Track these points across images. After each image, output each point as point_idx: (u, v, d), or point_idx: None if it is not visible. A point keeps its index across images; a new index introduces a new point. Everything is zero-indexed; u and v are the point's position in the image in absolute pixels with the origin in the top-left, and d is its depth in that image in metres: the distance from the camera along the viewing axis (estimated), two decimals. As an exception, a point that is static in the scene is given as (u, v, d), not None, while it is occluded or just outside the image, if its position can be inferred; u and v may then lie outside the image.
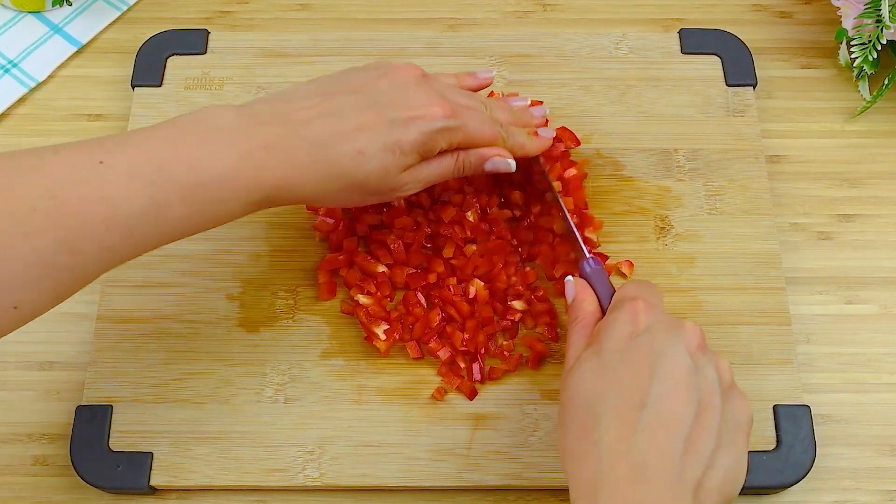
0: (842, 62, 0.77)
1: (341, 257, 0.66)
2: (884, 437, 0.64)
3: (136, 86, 0.75)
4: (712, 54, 0.76)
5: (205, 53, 0.76)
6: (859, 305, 0.69)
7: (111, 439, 0.62)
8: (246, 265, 0.68)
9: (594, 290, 0.57)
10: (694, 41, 0.77)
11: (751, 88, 0.75)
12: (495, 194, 0.68)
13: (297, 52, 0.77)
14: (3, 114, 0.77)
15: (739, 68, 0.75)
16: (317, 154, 0.53)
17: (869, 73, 0.75)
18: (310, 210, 0.69)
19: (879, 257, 0.71)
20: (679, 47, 0.77)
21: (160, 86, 0.75)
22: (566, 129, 0.72)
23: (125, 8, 0.82)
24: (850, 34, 0.75)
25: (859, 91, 0.76)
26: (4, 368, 0.66)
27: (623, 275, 0.67)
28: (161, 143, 0.50)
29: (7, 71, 0.78)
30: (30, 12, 0.82)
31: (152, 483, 0.61)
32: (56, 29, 0.81)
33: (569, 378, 0.51)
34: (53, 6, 0.81)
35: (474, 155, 0.59)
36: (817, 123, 0.76)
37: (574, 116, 0.73)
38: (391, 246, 0.65)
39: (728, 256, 0.68)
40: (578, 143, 0.71)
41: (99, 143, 0.50)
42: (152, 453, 0.61)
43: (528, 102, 0.67)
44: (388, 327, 0.64)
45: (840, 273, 0.70)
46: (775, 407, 0.63)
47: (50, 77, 0.79)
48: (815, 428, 0.62)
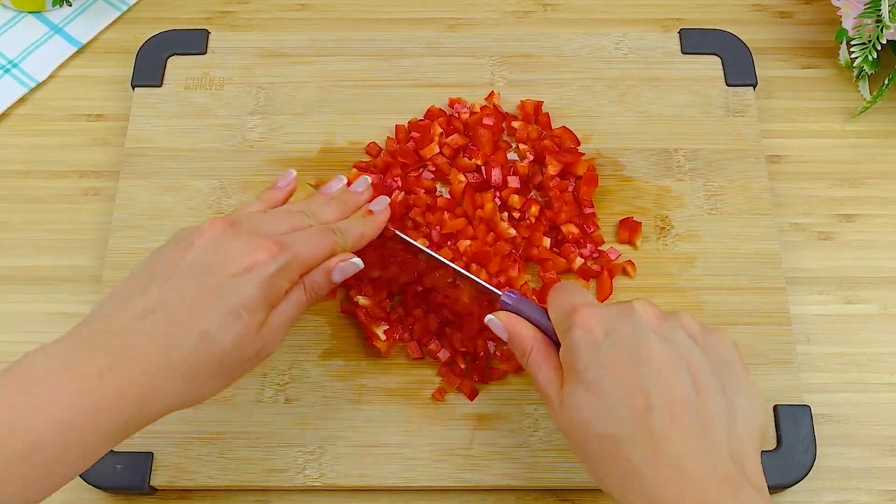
0: (842, 62, 0.77)
1: None
2: (884, 437, 0.64)
3: (136, 86, 0.75)
4: (712, 54, 0.76)
5: (205, 53, 0.76)
6: (859, 305, 0.69)
7: (111, 439, 0.62)
8: (246, 265, 0.68)
9: (526, 318, 0.56)
10: (694, 41, 0.77)
11: (751, 88, 0.75)
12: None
13: (297, 52, 0.77)
14: (3, 114, 0.77)
15: (739, 68, 0.75)
16: (162, 356, 0.47)
17: (869, 73, 0.75)
18: None
19: (879, 257, 0.71)
20: (679, 47, 0.77)
21: (160, 86, 0.75)
22: (566, 129, 0.72)
23: (125, 8, 0.82)
24: (850, 34, 0.75)
25: (859, 91, 0.76)
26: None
27: (628, 274, 0.67)
28: None
29: (7, 71, 0.78)
30: (30, 12, 0.82)
31: (152, 483, 0.61)
32: (56, 29, 0.81)
33: (566, 414, 0.50)
34: (53, 6, 0.81)
35: (318, 274, 0.54)
36: (817, 123, 0.76)
37: (574, 116, 0.73)
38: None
39: (728, 256, 0.68)
40: (578, 144, 0.72)
41: None
42: (152, 453, 0.61)
43: (345, 181, 0.62)
44: (388, 328, 0.64)
45: (840, 273, 0.70)
46: (775, 407, 0.63)
47: (50, 77, 0.79)
48: (815, 428, 0.62)
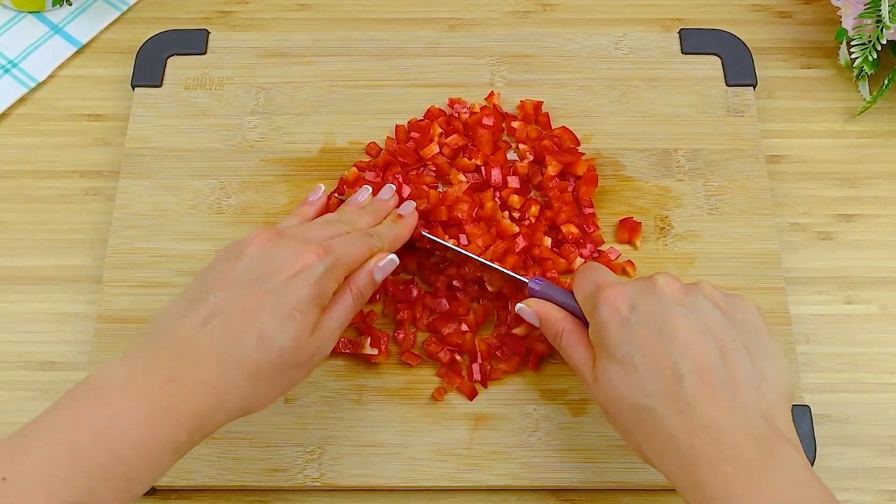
0: (842, 62, 0.77)
1: None
2: (884, 437, 0.64)
3: (136, 86, 0.75)
4: (712, 54, 0.76)
5: (205, 53, 0.76)
6: (859, 305, 0.69)
7: (111, 439, 0.62)
8: (246, 265, 0.68)
9: (555, 302, 0.58)
10: (694, 41, 0.77)
11: (751, 88, 0.75)
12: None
13: (297, 52, 0.77)
14: (3, 114, 0.77)
15: (739, 68, 0.75)
16: (221, 362, 0.49)
17: (869, 73, 0.75)
18: None
19: (879, 257, 0.71)
20: (679, 47, 0.77)
21: (160, 86, 0.75)
22: (566, 129, 0.72)
23: (125, 8, 0.82)
24: (850, 34, 0.75)
25: (859, 91, 0.76)
26: (4, 368, 0.66)
27: (628, 275, 0.67)
28: (59, 435, 0.45)
29: (7, 71, 0.78)
30: (30, 12, 0.82)
31: (152, 483, 0.61)
32: (56, 29, 0.81)
33: (601, 390, 0.52)
34: (53, 6, 0.81)
35: (362, 276, 0.56)
36: (817, 123, 0.76)
37: (574, 116, 0.73)
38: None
39: (728, 256, 0.68)
40: (578, 144, 0.72)
41: None
42: (152, 453, 0.61)
43: (370, 191, 0.65)
44: (372, 338, 0.64)
45: (840, 273, 0.70)
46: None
47: (50, 77, 0.79)
48: (815, 428, 0.62)
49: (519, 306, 0.59)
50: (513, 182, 0.69)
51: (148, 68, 0.76)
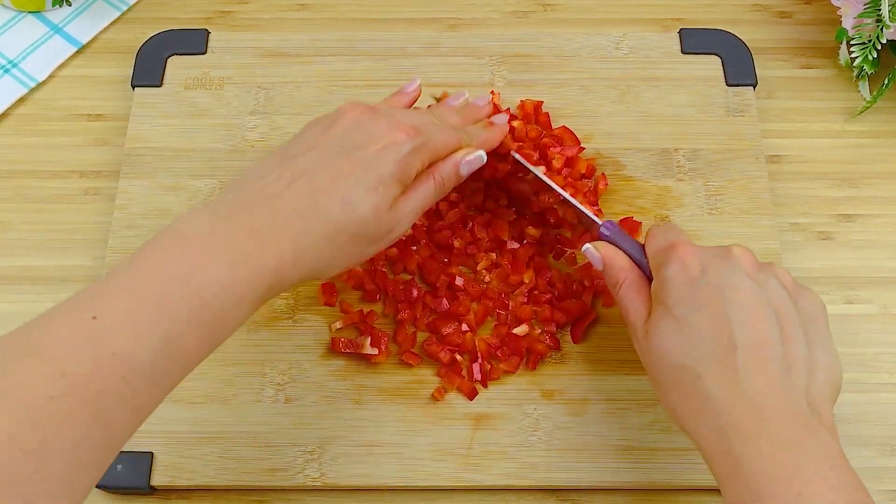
0: (842, 62, 0.77)
1: None
2: (884, 437, 0.64)
3: (136, 86, 0.75)
4: (712, 54, 0.76)
5: (205, 53, 0.76)
6: (859, 305, 0.69)
7: (111, 439, 0.62)
8: (246, 265, 0.68)
9: (622, 250, 0.58)
10: (694, 41, 0.77)
11: (751, 88, 0.75)
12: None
13: (297, 52, 0.77)
14: (3, 114, 0.77)
15: (739, 68, 0.75)
16: (303, 221, 0.50)
17: (869, 73, 0.75)
18: None
19: (879, 257, 0.71)
20: (679, 47, 0.77)
21: (160, 86, 0.75)
22: (566, 129, 0.72)
23: (125, 8, 0.82)
24: (850, 34, 0.75)
25: (859, 91, 0.76)
26: (4, 368, 0.66)
27: None
28: (148, 278, 0.46)
29: (7, 71, 0.78)
30: (30, 12, 0.82)
31: (152, 483, 0.61)
32: (56, 29, 0.81)
33: (650, 344, 0.53)
34: (53, 6, 0.81)
35: (447, 166, 0.58)
36: (817, 123, 0.76)
37: (574, 116, 0.73)
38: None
39: (728, 256, 0.68)
40: (579, 143, 0.72)
41: (82, 299, 0.44)
42: (152, 453, 0.61)
43: (467, 95, 0.66)
44: (372, 338, 0.64)
45: (840, 273, 0.70)
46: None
47: (50, 77, 0.79)
48: (815, 428, 0.62)
49: (586, 246, 0.59)
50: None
51: (148, 68, 0.76)
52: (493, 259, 0.66)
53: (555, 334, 0.65)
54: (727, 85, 0.75)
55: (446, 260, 0.67)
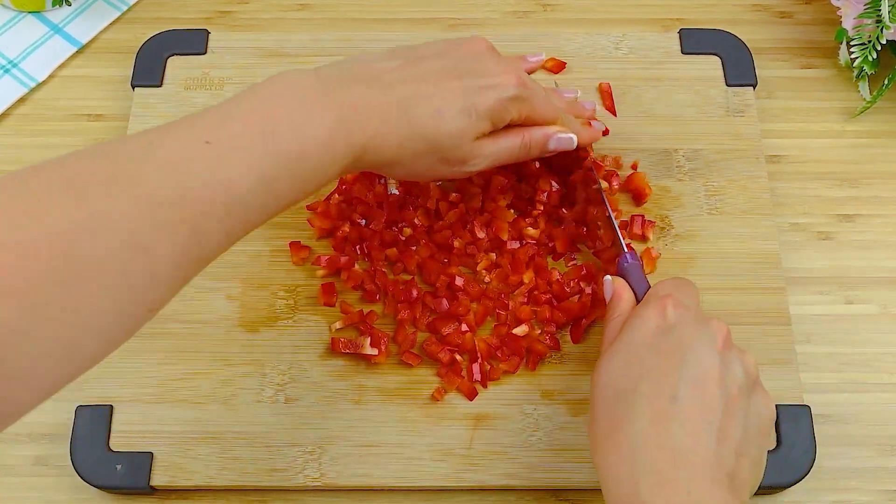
0: (842, 62, 0.77)
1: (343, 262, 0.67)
2: (884, 437, 0.64)
3: (136, 86, 0.75)
4: (712, 54, 0.76)
5: (205, 53, 0.76)
6: (859, 305, 0.69)
7: (111, 439, 0.62)
8: (245, 265, 0.68)
9: (631, 286, 0.59)
10: (694, 41, 0.77)
11: (751, 88, 0.75)
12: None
13: (297, 52, 0.77)
14: (3, 114, 0.77)
15: (739, 68, 0.75)
16: (401, 112, 0.54)
17: (869, 73, 0.75)
18: (309, 209, 0.69)
19: (879, 257, 0.71)
20: (679, 47, 0.77)
21: (160, 86, 0.75)
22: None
23: (125, 8, 0.82)
24: (850, 34, 0.75)
25: (859, 91, 0.76)
26: (4, 368, 0.66)
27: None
28: (260, 116, 0.49)
29: (7, 71, 0.78)
30: (30, 12, 0.82)
31: (152, 483, 0.61)
32: (56, 29, 0.81)
33: (600, 366, 0.53)
34: (53, 6, 0.81)
35: (539, 133, 0.60)
36: (817, 123, 0.76)
37: (574, 116, 0.73)
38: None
39: (728, 256, 0.68)
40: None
41: (196, 123, 0.48)
42: (152, 453, 0.61)
43: (578, 94, 0.69)
44: (371, 338, 0.64)
45: (840, 273, 0.70)
46: (775, 407, 0.63)
47: (50, 77, 0.79)
48: (815, 428, 0.62)
49: (607, 278, 0.60)
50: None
51: (148, 68, 0.76)
52: (493, 259, 0.67)
53: (555, 334, 0.65)
54: (727, 85, 0.75)
55: (446, 260, 0.67)
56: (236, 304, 0.67)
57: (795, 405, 0.63)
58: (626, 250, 0.62)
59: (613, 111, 0.73)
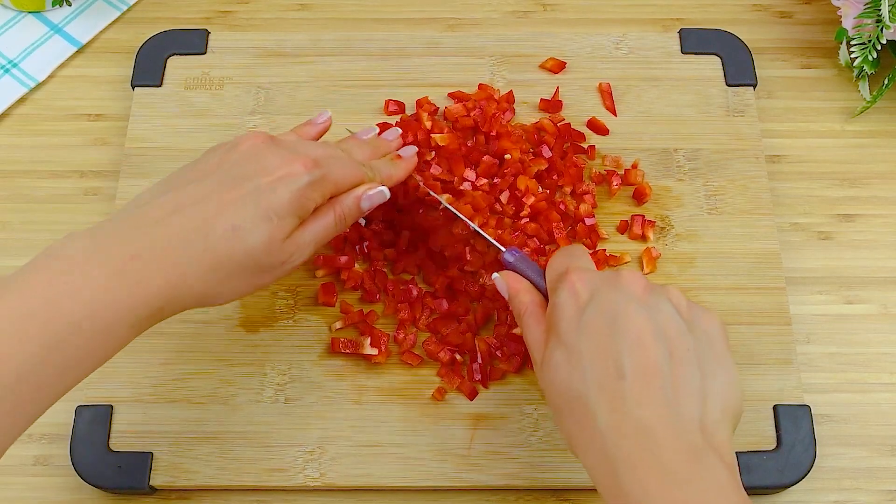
0: (842, 62, 0.77)
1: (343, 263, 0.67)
2: (884, 437, 0.64)
3: (136, 86, 0.75)
4: (712, 54, 0.76)
5: (205, 53, 0.76)
6: (859, 305, 0.69)
7: (111, 439, 0.62)
8: (246, 265, 0.68)
9: (526, 277, 0.57)
10: (694, 41, 0.77)
11: (751, 88, 0.75)
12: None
13: (297, 52, 0.77)
14: (3, 114, 0.77)
15: (739, 68, 0.75)
16: (188, 248, 0.49)
17: (869, 73, 0.75)
18: None
19: (879, 257, 0.71)
20: (679, 47, 0.77)
21: (160, 86, 0.75)
22: (570, 128, 0.72)
23: (125, 8, 0.82)
24: (850, 34, 0.75)
25: (859, 91, 0.76)
26: (4, 368, 0.66)
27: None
28: (18, 296, 0.45)
29: (7, 71, 0.78)
30: (30, 12, 0.82)
31: (152, 483, 0.61)
32: (56, 29, 0.81)
33: (544, 375, 0.51)
34: (53, 6, 0.81)
35: (348, 200, 0.57)
36: (817, 123, 0.76)
37: (574, 116, 0.73)
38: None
39: (728, 256, 0.68)
40: (584, 139, 0.72)
41: None
42: (152, 453, 0.61)
43: (377, 130, 0.65)
44: (372, 338, 0.64)
45: (840, 273, 0.70)
46: (775, 407, 0.63)
47: (50, 77, 0.79)
48: (815, 428, 0.62)
49: (495, 276, 0.58)
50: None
51: (148, 68, 0.76)
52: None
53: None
54: (727, 85, 0.75)
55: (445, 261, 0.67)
56: (236, 304, 0.67)
57: (795, 405, 0.63)
58: (503, 248, 0.59)
59: (613, 111, 0.73)
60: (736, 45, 0.76)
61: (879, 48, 0.73)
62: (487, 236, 0.62)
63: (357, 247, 0.68)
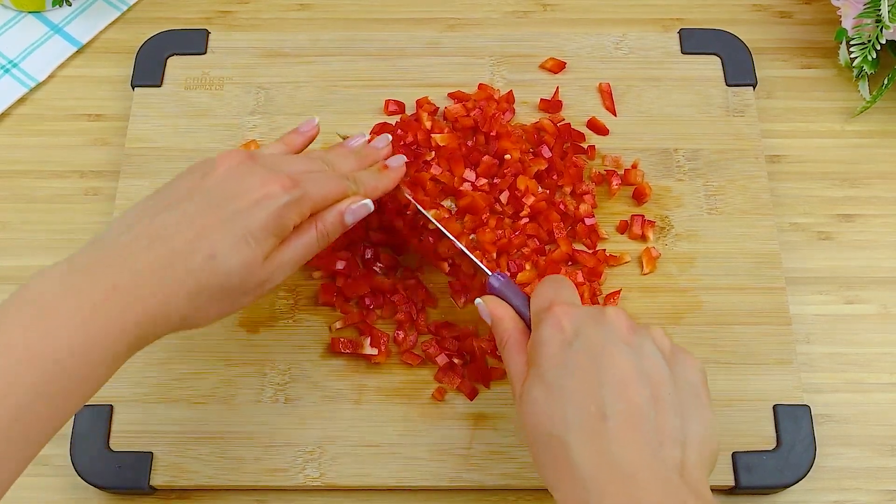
0: (842, 62, 0.77)
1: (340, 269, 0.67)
2: (884, 437, 0.64)
3: (136, 86, 0.75)
4: (712, 54, 0.76)
5: (205, 53, 0.76)
6: (859, 305, 0.69)
7: (111, 439, 0.62)
8: (246, 265, 0.68)
9: (510, 304, 0.56)
10: (694, 41, 0.77)
11: (751, 88, 0.75)
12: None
13: (297, 52, 0.77)
14: (3, 114, 0.77)
15: (739, 68, 0.75)
16: (167, 275, 0.48)
17: (869, 73, 0.75)
18: None
19: (879, 257, 0.71)
20: (679, 47, 0.77)
21: (160, 86, 0.75)
22: (570, 128, 0.72)
23: (125, 8, 0.82)
24: (850, 34, 0.75)
25: (859, 91, 0.76)
26: (4, 368, 0.66)
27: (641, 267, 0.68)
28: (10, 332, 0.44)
29: (7, 71, 0.78)
30: (30, 12, 0.82)
31: (152, 483, 0.61)
32: (56, 29, 0.81)
33: (522, 409, 0.50)
34: (53, 6, 0.81)
35: (331, 215, 0.55)
36: (817, 123, 0.76)
37: (574, 116, 0.73)
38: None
39: (728, 256, 0.68)
40: (584, 139, 0.72)
41: None
42: (152, 453, 0.61)
43: (367, 138, 0.63)
44: (371, 338, 0.64)
45: (840, 273, 0.70)
46: (775, 407, 0.63)
47: (50, 77, 0.79)
48: (815, 428, 0.62)
49: (478, 301, 0.57)
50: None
51: (148, 68, 0.76)
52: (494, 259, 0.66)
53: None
54: (727, 85, 0.75)
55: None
56: (236, 304, 0.66)
57: (795, 405, 0.63)
58: (490, 272, 0.58)
59: (613, 111, 0.73)
60: (736, 46, 0.76)
61: (879, 48, 0.73)
62: (474, 258, 0.61)
63: (356, 251, 0.67)
